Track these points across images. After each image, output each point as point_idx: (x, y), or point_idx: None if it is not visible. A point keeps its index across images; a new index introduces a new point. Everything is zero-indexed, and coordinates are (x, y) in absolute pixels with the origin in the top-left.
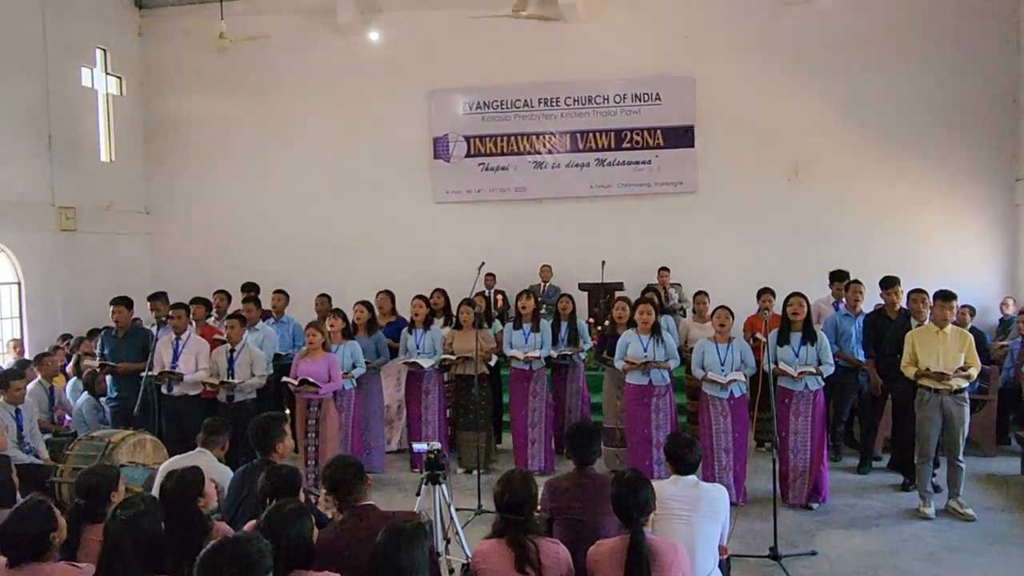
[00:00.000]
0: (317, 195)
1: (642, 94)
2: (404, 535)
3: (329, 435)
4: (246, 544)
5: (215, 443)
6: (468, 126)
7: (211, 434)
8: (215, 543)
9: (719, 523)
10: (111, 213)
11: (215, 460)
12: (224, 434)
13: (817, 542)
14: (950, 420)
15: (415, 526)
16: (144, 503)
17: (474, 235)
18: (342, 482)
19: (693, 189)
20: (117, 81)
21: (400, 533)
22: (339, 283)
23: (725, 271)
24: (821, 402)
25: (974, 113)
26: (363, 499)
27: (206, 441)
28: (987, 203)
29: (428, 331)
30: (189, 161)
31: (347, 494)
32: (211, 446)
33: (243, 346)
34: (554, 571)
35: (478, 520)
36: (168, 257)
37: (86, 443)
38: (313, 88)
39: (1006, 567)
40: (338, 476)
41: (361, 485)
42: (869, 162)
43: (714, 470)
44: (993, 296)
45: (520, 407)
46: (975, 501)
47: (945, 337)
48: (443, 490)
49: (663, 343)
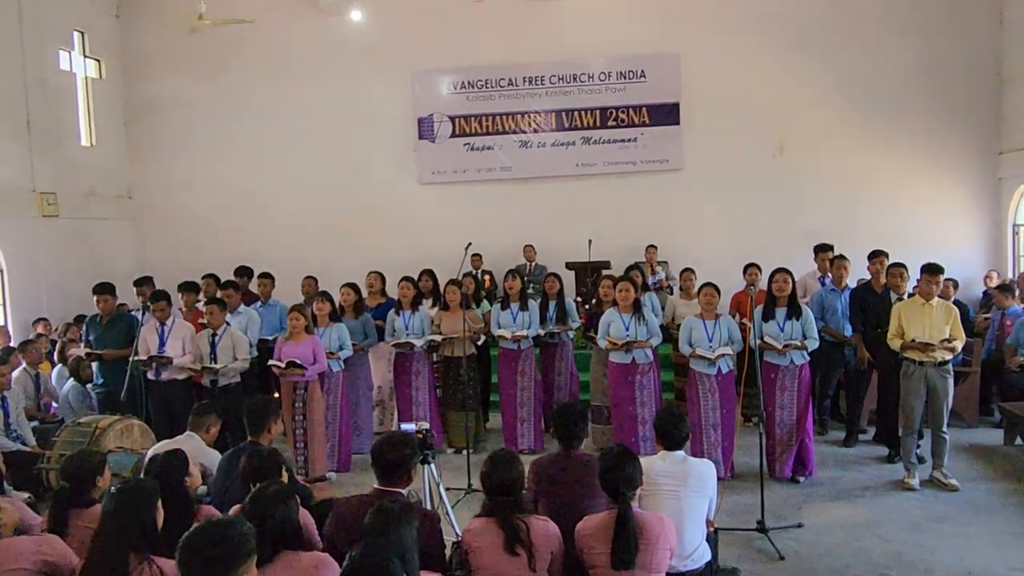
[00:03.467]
0: (302, 177)
1: (627, 72)
2: (392, 515)
3: (316, 418)
4: (227, 527)
5: (203, 426)
6: (453, 106)
7: (199, 417)
8: (197, 526)
9: (707, 497)
10: (93, 198)
11: (203, 444)
12: (212, 416)
13: (803, 514)
14: (934, 392)
15: (402, 506)
16: (138, 488)
17: (460, 215)
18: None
19: (679, 166)
20: (96, 64)
21: (388, 513)
22: (326, 265)
23: (712, 247)
24: (807, 376)
25: (958, 88)
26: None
27: (194, 424)
28: (971, 177)
29: (416, 312)
30: (172, 144)
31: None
32: (199, 429)
33: (225, 330)
34: (544, 548)
35: (468, 499)
36: (152, 242)
37: (73, 429)
38: (296, 69)
39: (988, 536)
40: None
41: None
42: (854, 137)
43: (703, 445)
44: (977, 269)
45: (509, 387)
46: (959, 471)
47: (931, 309)
48: (432, 469)
49: (644, 321)
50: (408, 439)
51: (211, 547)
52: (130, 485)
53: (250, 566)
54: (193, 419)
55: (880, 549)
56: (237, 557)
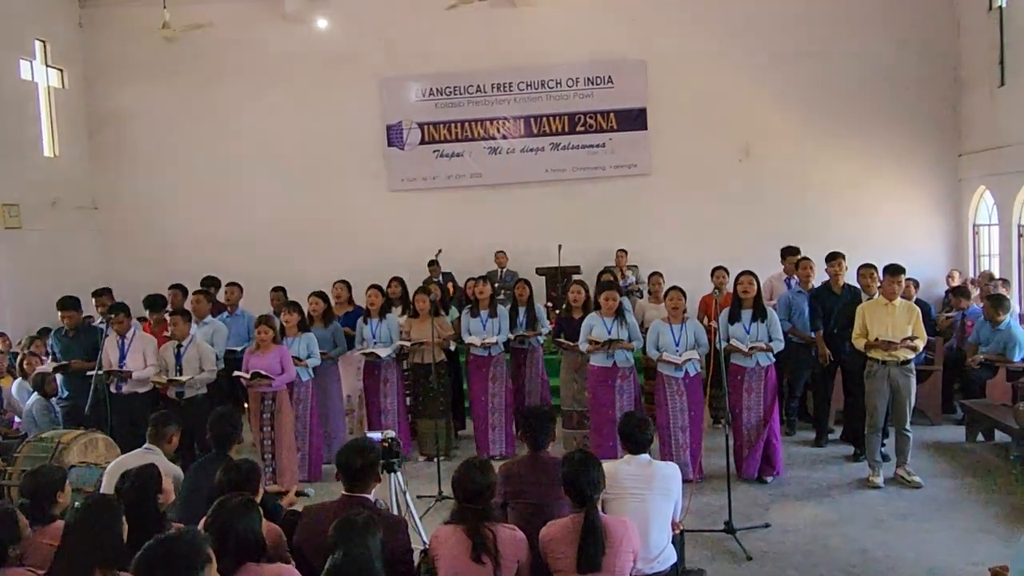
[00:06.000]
0: (270, 186)
1: (594, 77)
2: (356, 527)
3: (284, 428)
4: (177, 542)
5: (164, 436)
6: (421, 113)
7: (159, 428)
8: (149, 543)
9: (672, 500)
10: (57, 209)
11: (163, 457)
12: (172, 426)
13: (771, 514)
14: (897, 391)
15: (366, 517)
16: (104, 502)
17: (430, 222)
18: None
19: (647, 171)
20: (58, 73)
21: (352, 525)
22: (295, 274)
23: (680, 251)
24: (772, 378)
25: (918, 92)
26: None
27: (155, 436)
28: (932, 179)
29: (384, 320)
30: (137, 154)
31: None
32: (160, 440)
33: (191, 341)
34: (511, 557)
35: (438, 507)
36: (118, 253)
37: (35, 444)
38: (263, 77)
39: (951, 531)
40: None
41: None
42: (817, 141)
43: (671, 448)
44: (939, 269)
45: (480, 393)
46: (922, 469)
47: (894, 309)
48: (398, 478)
49: (627, 325)
50: (370, 444)
51: (161, 565)
52: (95, 499)
53: (209, 573)
54: (153, 430)
55: (846, 547)
56: (192, 568)
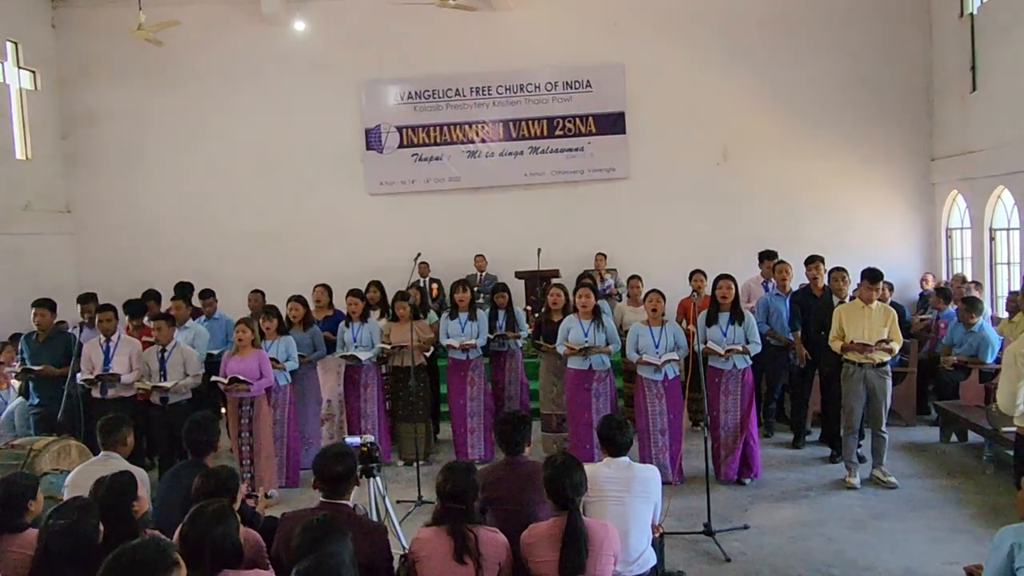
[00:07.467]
0: (247, 189)
1: (573, 82)
2: (320, 531)
3: (263, 433)
4: (142, 549)
5: (119, 441)
6: (400, 116)
7: (110, 434)
8: (114, 551)
9: (651, 503)
10: (29, 213)
11: (125, 462)
12: (124, 428)
13: (749, 516)
14: (873, 393)
15: (329, 522)
16: (81, 509)
17: (409, 226)
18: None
19: (625, 175)
20: (31, 75)
21: (315, 531)
22: (273, 278)
23: (658, 255)
24: (750, 380)
25: (891, 97)
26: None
27: (109, 442)
28: (905, 182)
29: (365, 324)
30: (111, 157)
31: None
32: (115, 446)
33: (174, 346)
34: (493, 559)
35: (418, 512)
36: (91, 258)
37: (6, 452)
38: (239, 80)
39: (926, 530)
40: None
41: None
42: (793, 145)
43: (650, 451)
44: (913, 272)
45: (459, 397)
46: (897, 469)
47: (870, 312)
48: (377, 482)
49: (604, 327)
50: (347, 450)
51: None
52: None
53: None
54: (105, 437)
55: (823, 548)
56: (157, 573)
